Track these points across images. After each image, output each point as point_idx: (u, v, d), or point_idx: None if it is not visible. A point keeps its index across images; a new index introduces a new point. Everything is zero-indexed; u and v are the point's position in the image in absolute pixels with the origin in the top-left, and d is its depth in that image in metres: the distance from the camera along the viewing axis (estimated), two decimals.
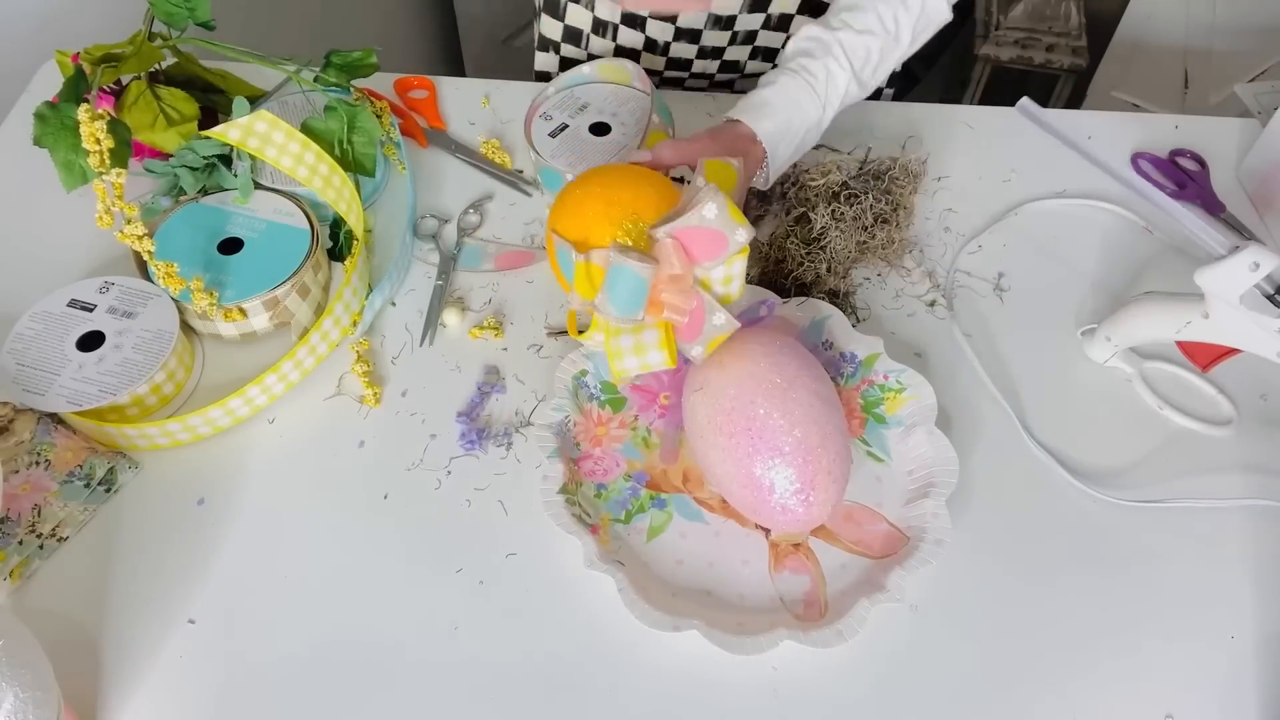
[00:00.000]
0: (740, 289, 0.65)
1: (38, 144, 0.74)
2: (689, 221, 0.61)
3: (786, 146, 0.75)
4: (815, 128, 0.76)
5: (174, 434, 0.69)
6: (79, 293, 0.73)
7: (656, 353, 0.63)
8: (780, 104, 0.74)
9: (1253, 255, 0.63)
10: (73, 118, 0.73)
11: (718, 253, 0.62)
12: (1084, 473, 0.70)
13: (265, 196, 0.79)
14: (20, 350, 0.70)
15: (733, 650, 0.59)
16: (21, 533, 0.65)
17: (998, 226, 0.86)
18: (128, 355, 0.70)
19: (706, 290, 0.64)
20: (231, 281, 0.74)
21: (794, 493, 0.61)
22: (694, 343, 0.64)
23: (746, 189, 0.74)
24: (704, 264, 0.63)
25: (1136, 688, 0.61)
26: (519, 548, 0.66)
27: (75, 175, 0.75)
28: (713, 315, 0.63)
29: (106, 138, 0.67)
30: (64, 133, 0.74)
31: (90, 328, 0.71)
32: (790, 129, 0.74)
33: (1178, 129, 0.94)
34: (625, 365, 0.64)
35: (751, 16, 0.92)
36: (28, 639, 0.52)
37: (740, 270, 0.64)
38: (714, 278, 0.64)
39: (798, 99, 0.74)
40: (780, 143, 0.74)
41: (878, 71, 0.78)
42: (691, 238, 0.62)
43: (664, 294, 0.63)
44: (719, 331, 0.63)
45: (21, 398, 0.68)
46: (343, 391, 0.74)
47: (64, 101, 0.74)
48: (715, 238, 0.62)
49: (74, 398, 0.68)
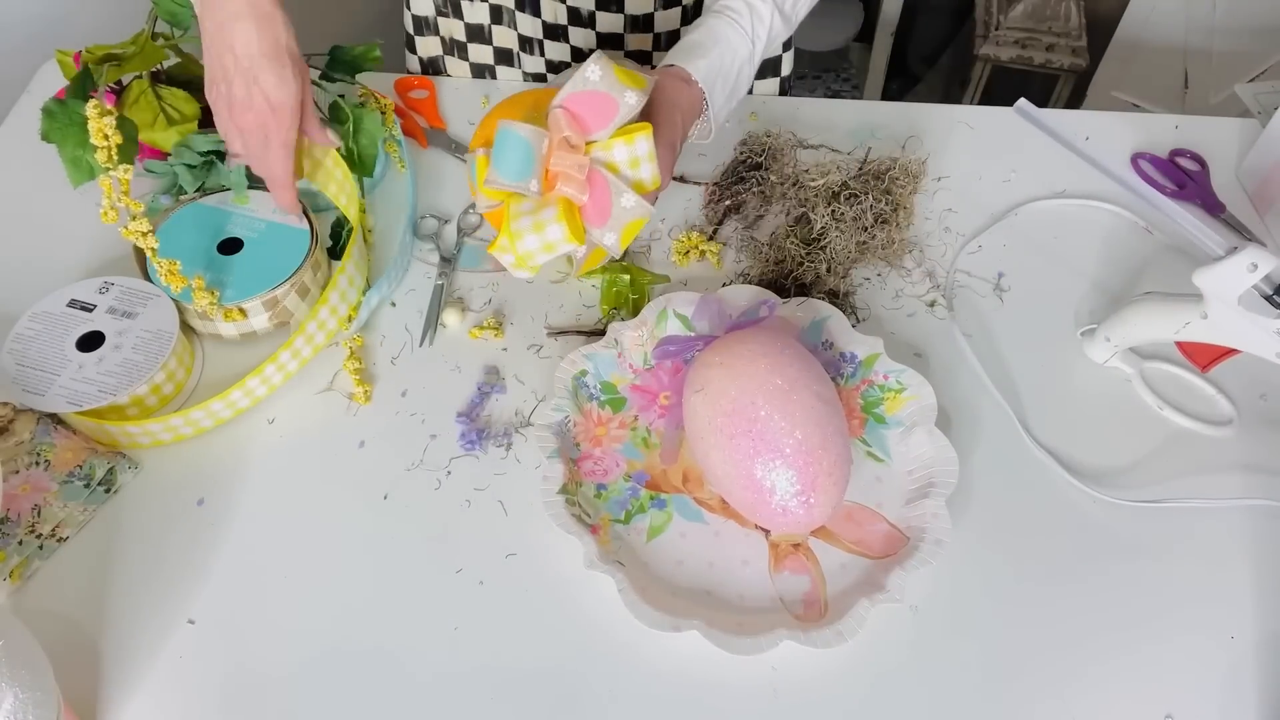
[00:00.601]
0: (653, 175, 0.64)
1: (45, 139, 0.74)
2: (574, 87, 0.61)
3: (723, 84, 0.76)
4: (748, 63, 0.77)
5: (176, 428, 0.69)
6: (79, 293, 0.73)
7: (555, 226, 0.61)
8: (709, 43, 0.75)
9: (1250, 256, 0.63)
10: (80, 114, 0.73)
11: (609, 117, 0.61)
12: (1084, 473, 0.70)
13: (265, 196, 0.79)
14: (20, 350, 0.70)
15: (733, 650, 0.59)
16: (21, 533, 0.65)
17: (998, 227, 0.86)
18: (128, 355, 0.70)
19: (614, 173, 0.63)
20: (231, 281, 0.74)
21: (794, 494, 0.61)
22: (604, 227, 0.63)
23: (688, 132, 0.74)
24: (597, 132, 0.61)
25: (1136, 688, 0.61)
26: (519, 548, 0.66)
27: (82, 171, 0.75)
28: (620, 196, 0.62)
29: (114, 133, 0.67)
30: (71, 128, 0.74)
31: (90, 328, 0.71)
32: (723, 67, 0.75)
33: (1178, 129, 0.94)
34: (526, 245, 0.62)
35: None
36: (28, 639, 0.52)
37: (646, 151, 0.63)
38: (618, 159, 0.63)
39: (725, 36, 0.75)
40: (715, 80, 0.75)
41: (797, 5, 0.80)
42: (580, 104, 0.61)
43: (556, 162, 0.62)
44: (630, 215, 0.62)
45: (21, 398, 0.68)
46: (334, 388, 0.74)
47: (71, 97, 0.74)
48: (603, 100, 0.61)
49: (74, 398, 0.68)
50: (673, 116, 0.72)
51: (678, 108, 0.72)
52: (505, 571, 0.65)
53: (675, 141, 0.72)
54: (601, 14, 0.91)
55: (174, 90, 0.80)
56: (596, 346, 0.73)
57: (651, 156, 0.63)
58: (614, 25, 0.92)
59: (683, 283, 0.81)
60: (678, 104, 0.72)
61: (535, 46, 0.95)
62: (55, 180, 0.76)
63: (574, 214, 0.62)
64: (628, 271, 0.79)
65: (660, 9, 0.91)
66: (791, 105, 0.95)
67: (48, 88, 0.93)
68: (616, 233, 0.62)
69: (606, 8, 0.90)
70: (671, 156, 0.71)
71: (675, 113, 0.72)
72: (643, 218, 0.62)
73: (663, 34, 0.94)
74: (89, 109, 0.66)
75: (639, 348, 0.74)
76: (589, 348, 0.72)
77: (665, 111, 0.71)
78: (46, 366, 0.69)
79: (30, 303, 0.73)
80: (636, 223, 0.62)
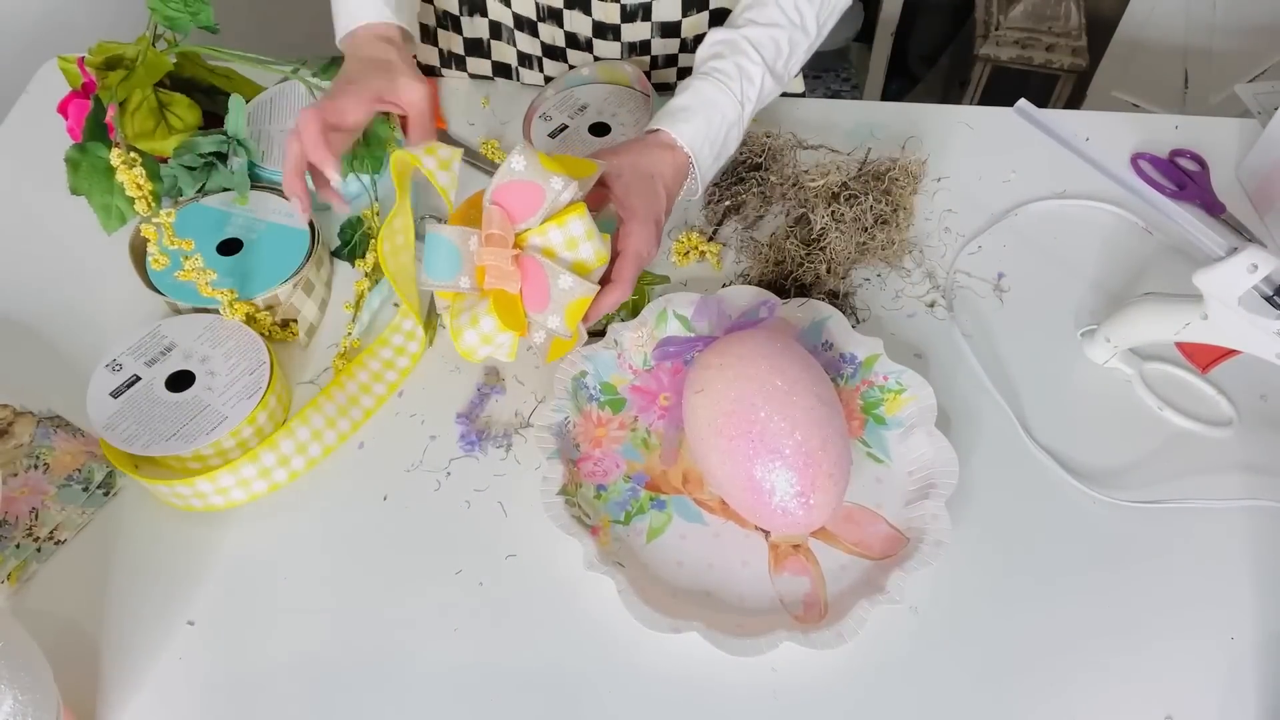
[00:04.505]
0: (597, 254, 0.64)
1: (74, 192, 0.74)
2: (500, 179, 0.62)
3: (710, 148, 0.74)
4: (736, 125, 0.75)
5: (206, 494, 0.66)
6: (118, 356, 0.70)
7: (487, 319, 0.62)
8: (696, 106, 0.73)
9: (1250, 257, 0.63)
10: (102, 158, 0.73)
11: (536, 205, 0.62)
12: (1084, 473, 0.70)
13: (265, 197, 0.79)
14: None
15: (733, 652, 0.59)
16: (19, 536, 0.64)
17: (997, 227, 0.86)
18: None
19: (551, 258, 0.63)
20: (232, 282, 0.74)
21: (794, 495, 0.61)
22: (546, 311, 0.63)
23: (673, 200, 0.73)
24: (525, 219, 0.62)
25: (1136, 688, 0.61)
26: (519, 549, 0.66)
27: (114, 217, 0.75)
28: (557, 279, 0.63)
29: (147, 182, 0.67)
30: (97, 176, 0.74)
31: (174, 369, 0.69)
32: (711, 130, 0.73)
33: (1178, 129, 0.94)
34: (466, 340, 0.63)
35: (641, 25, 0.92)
36: (26, 642, 0.52)
37: (583, 231, 0.63)
38: (554, 242, 0.63)
39: (713, 99, 0.73)
40: (702, 145, 0.73)
41: (790, 63, 0.78)
42: (507, 196, 0.62)
43: (483, 257, 0.63)
44: (570, 296, 0.63)
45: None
46: (316, 384, 0.74)
47: (89, 140, 0.74)
48: (529, 189, 0.62)
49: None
50: (655, 189, 0.70)
51: (660, 178, 0.70)
52: (505, 573, 0.65)
53: (658, 214, 0.70)
54: (599, 41, 0.91)
55: (176, 95, 0.80)
56: (596, 347, 0.73)
57: (589, 235, 0.63)
58: (612, 51, 0.92)
59: (682, 283, 0.81)
60: (659, 174, 0.71)
61: (535, 63, 0.95)
62: (55, 180, 0.76)
63: (512, 304, 0.63)
64: None
65: (657, 36, 0.91)
66: (791, 105, 0.95)
67: (48, 88, 0.93)
68: (559, 315, 0.64)
69: (603, 36, 0.90)
70: (655, 231, 0.69)
71: (657, 184, 0.70)
72: (585, 296, 0.63)
73: (660, 57, 0.94)
74: (114, 159, 0.66)
75: (639, 348, 0.74)
76: (589, 348, 0.72)
77: (644, 184, 0.69)
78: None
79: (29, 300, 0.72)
80: (580, 302, 0.63)
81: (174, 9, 0.76)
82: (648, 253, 0.69)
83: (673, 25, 0.90)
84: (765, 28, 0.76)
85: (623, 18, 0.88)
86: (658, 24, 0.90)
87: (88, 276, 0.80)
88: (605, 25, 0.89)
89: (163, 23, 0.78)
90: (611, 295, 0.67)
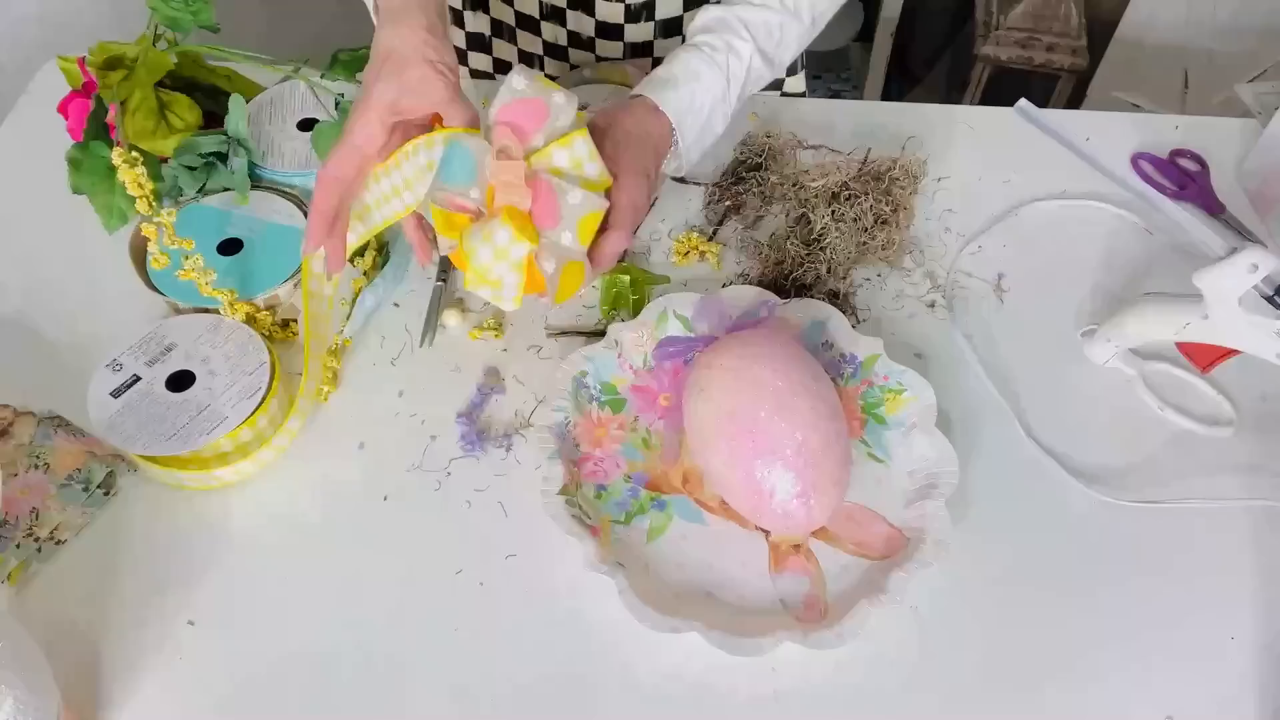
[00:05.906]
0: (600, 173, 0.65)
1: (76, 192, 0.74)
2: (501, 100, 0.63)
3: (693, 119, 0.73)
4: (722, 101, 0.75)
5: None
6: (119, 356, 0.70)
7: (502, 230, 0.61)
8: (681, 77, 0.73)
9: (1251, 257, 0.63)
10: (103, 157, 0.73)
11: (540, 120, 0.63)
12: (1084, 473, 0.70)
13: (265, 196, 0.79)
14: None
15: (733, 652, 0.59)
16: (19, 536, 0.64)
17: (998, 227, 0.86)
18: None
19: (559, 176, 0.63)
20: (232, 282, 0.74)
21: (795, 496, 0.61)
22: (558, 227, 0.64)
23: (659, 166, 0.73)
24: (533, 138, 0.63)
25: (1136, 688, 0.61)
26: (519, 549, 0.66)
27: (116, 216, 0.75)
28: (567, 195, 0.63)
29: (148, 181, 0.67)
30: (98, 176, 0.74)
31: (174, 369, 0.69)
32: (694, 102, 0.73)
33: (1178, 129, 0.94)
34: (480, 259, 0.62)
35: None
36: (27, 642, 0.52)
37: (586, 151, 0.64)
38: (559, 163, 0.64)
39: (699, 71, 0.73)
40: (685, 115, 0.72)
41: (781, 48, 0.78)
42: (512, 114, 0.63)
43: (493, 174, 0.62)
44: (581, 210, 0.63)
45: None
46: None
47: (90, 139, 0.74)
48: (533, 105, 0.62)
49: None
50: (644, 143, 0.70)
51: (649, 135, 0.70)
52: (505, 573, 0.65)
53: (648, 167, 0.69)
54: (601, 40, 0.91)
55: (176, 95, 0.80)
56: (596, 347, 0.73)
57: (593, 156, 0.64)
58: (614, 51, 0.92)
59: (683, 283, 0.81)
60: (649, 131, 0.70)
61: (536, 62, 0.95)
62: (56, 180, 0.76)
63: (523, 221, 0.63)
64: (628, 272, 0.79)
65: (659, 37, 0.91)
66: (791, 105, 0.95)
67: (48, 88, 0.93)
68: (572, 230, 0.64)
69: (607, 35, 0.90)
70: (646, 184, 0.68)
71: (646, 140, 0.70)
72: (596, 210, 0.63)
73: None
74: (116, 158, 0.66)
75: (639, 349, 0.74)
76: (589, 349, 0.72)
77: (635, 138, 0.69)
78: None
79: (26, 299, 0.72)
80: (591, 216, 0.63)
81: (175, 8, 0.76)
82: (642, 203, 0.68)
83: (674, 22, 0.90)
84: (758, 8, 0.76)
85: (627, 18, 0.88)
86: (660, 23, 0.90)
87: (88, 276, 0.80)
88: (608, 25, 0.89)
89: (163, 22, 0.77)
90: (613, 239, 0.66)
